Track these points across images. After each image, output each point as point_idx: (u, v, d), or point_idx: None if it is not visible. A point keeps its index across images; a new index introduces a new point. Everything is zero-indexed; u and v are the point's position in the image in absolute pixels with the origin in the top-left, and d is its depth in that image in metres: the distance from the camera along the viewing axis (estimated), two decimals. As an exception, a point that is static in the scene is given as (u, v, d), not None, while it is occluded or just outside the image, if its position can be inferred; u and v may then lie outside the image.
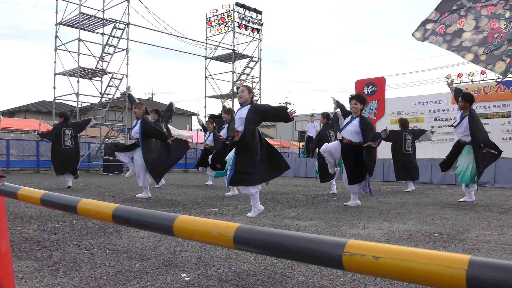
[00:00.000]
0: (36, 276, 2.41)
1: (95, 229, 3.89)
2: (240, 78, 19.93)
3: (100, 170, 16.89)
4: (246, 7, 19.37)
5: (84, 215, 1.34)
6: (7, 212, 2.50)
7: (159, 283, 2.31)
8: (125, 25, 15.92)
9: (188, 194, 7.64)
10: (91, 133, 20.09)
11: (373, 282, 2.39)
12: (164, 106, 41.51)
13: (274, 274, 2.50)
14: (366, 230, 4.10)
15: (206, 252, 3.04)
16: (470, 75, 17.20)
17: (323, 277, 2.45)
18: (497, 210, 5.79)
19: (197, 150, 22.43)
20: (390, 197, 7.72)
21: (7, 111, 34.64)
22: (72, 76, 15.75)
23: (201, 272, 2.53)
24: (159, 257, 2.87)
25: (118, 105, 21.15)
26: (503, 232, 4.01)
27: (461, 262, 0.65)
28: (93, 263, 2.72)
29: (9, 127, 19.58)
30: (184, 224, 1.03)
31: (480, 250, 3.24)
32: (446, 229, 4.17)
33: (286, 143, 31.83)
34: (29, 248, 3.11)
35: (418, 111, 17.19)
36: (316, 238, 0.81)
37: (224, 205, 6.10)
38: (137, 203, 6.17)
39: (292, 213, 5.31)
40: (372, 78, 19.05)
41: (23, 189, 1.61)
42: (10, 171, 14.91)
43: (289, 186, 10.26)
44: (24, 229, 3.87)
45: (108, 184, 9.78)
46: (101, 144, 16.74)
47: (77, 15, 15.27)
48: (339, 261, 0.76)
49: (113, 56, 16.43)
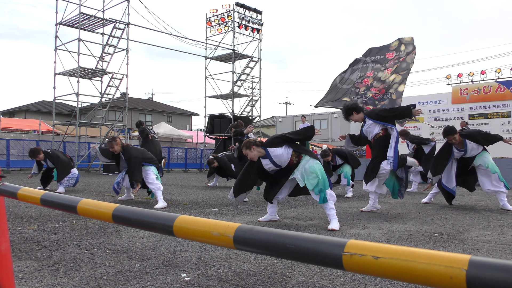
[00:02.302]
0: (36, 276, 2.41)
1: (95, 229, 3.89)
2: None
3: (100, 170, 16.89)
4: (246, 7, 19.36)
5: (84, 215, 1.34)
6: (7, 212, 2.50)
7: (159, 283, 2.31)
8: (125, 25, 15.92)
9: (188, 194, 7.64)
10: (91, 133, 20.10)
11: (373, 282, 2.39)
12: (164, 106, 40.95)
13: (274, 274, 2.50)
14: (366, 230, 4.10)
15: (206, 252, 3.04)
16: (470, 75, 17.20)
17: (323, 277, 2.45)
18: (497, 210, 5.79)
19: (197, 151, 22.45)
20: (390, 197, 7.72)
21: (7, 111, 34.62)
22: (72, 76, 15.75)
23: (201, 272, 2.53)
24: (159, 257, 2.87)
25: (118, 105, 21.14)
26: (503, 232, 4.01)
27: (461, 262, 0.65)
28: (93, 263, 2.72)
29: (9, 127, 19.58)
30: (184, 224, 1.03)
31: (480, 250, 3.24)
32: (446, 229, 4.17)
33: (286, 143, 31.77)
34: (29, 248, 3.11)
35: (418, 111, 17.17)
36: (316, 238, 0.81)
37: (224, 205, 6.09)
38: (137, 203, 6.17)
39: (292, 213, 5.31)
40: (372, 78, 19.01)
41: (23, 189, 1.61)
42: (10, 171, 14.91)
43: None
44: (24, 229, 3.87)
45: (108, 184, 9.78)
46: (101, 144, 16.74)
47: (77, 15, 15.27)
48: (339, 261, 0.76)
49: (113, 56, 16.43)
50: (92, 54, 16.71)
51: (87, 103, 19.94)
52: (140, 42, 42.68)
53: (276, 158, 4.25)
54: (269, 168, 4.35)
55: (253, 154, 4.25)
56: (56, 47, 15.74)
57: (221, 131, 19.02)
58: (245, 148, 4.25)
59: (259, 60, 20.21)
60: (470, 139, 5.93)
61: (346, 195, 7.60)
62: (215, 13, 19.67)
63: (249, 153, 4.25)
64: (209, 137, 20.59)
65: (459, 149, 6.01)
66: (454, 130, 5.95)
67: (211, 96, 20.28)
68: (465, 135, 5.97)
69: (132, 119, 33.77)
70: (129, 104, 19.56)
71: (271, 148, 4.25)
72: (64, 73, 15.84)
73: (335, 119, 30.39)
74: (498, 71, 16.70)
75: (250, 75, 20.49)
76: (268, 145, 4.27)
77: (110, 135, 17.32)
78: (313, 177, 4.16)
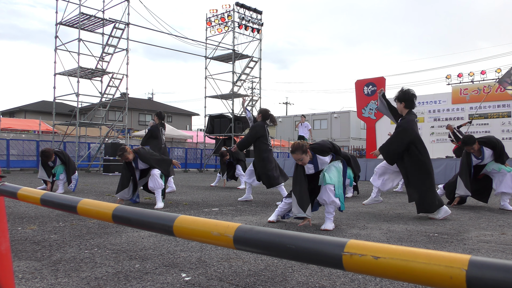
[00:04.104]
0: (36, 276, 2.41)
1: (95, 229, 3.89)
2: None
3: (100, 170, 16.89)
4: (246, 7, 19.36)
5: (84, 215, 1.34)
6: (7, 212, 2.50)
7: (159, 283, 2.31)
8: (125, 25, 15.92)
9: (188, 194, 7.64)
10: (91, 133, 20.09)
11: (373, 282, 2.39)
12: (164, 106, 40.98)
13: (274, 274, 2.50)
14: (366, 230, 4.10)
15: (206, 252, 3.04)
16: (470, 75, 17.19)
17: (323, 277, 2.45)
18: (497, 210, 5.79)
19: (197, 150, 22.44)
20: (390, 197, 7.72)
21: (7, 111, 34.63)
22: (72, 76, 15.74)
23: (201, 272, 2.53)
24: (159, 257, 2.87)
25: (118, 105, 21.13)
26: (503, 232, 4.01)
27: (461, 262, 0.65)
28: (93, 263, 2.71)
29: (9, 127, 19.56)
30: (184, 224, 1.03)
31: (480, 250, 3.24)
32: (446, 229, 4.17)
33: (286, 143, 31.82)
34: (29, 248, 3.11)
35: (418, 111, 17.18)
36: (316, 238, 0.81)
37: (224, 205, 6.09)
38: (137, 203, 6.17)
39: (292, 213, 5.31)
40: (372, 78, 19.06)
41: (23, 189, 1.61)
42: (10, 171, 14.91)
43: (289, 186, 10.26)
44: (24, 229, 3.87)
45: (108, 184, 9.78)
46: (101, 144, 16.73)
47: (77, 15, 15.26)
48: (339, 261, 0.76)
49: (113, 56, 16.42)
50: (92, 54, 16.70)
51: (87, 103, 19.93)
52: (140, 42, 42.74)
53: (320, 161, 4.20)
54: (309, 172, 4.27)
55: (307, 159, 4.12)
56: (56, 47, 15.73)
57: (221, 131, 19.01)
58: (301, 152, 4.03)
59: (259, 60, 20.20)
60: (488, 146, 5.88)
61: (346, 195, 7.60)
62: (215, 13, 19.66)
63: (305, 157, 4.09)
64: (209, 137, 20.58)
65: (477, 157, 5.97)
66: (474, 140, 5.87)
67: (211, 96, 20.27)
68: (483, 142, 5.92)
69: (132, 119, 33.81)
70: (129, 104, 19.55)
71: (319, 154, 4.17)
72: (64, 73, 15.83)
73: (335, 119, 30.41)
74: (498, 71, 16.70)
75: (250, 75, 20.48)
76: (319, 152, 4.18)
77: (110, 135, 17.32)
78: (334, 175, 4.15)
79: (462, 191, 5.95)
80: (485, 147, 5.87)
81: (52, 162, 7.52)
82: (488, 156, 5.91)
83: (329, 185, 4.12)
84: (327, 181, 4.11)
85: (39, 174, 7.54)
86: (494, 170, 5.94)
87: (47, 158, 7.39)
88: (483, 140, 5.93)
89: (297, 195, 4.11)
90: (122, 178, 5.92)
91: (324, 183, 4.14)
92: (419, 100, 18.16)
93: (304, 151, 4.03)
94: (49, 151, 7.43)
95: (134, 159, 5.80)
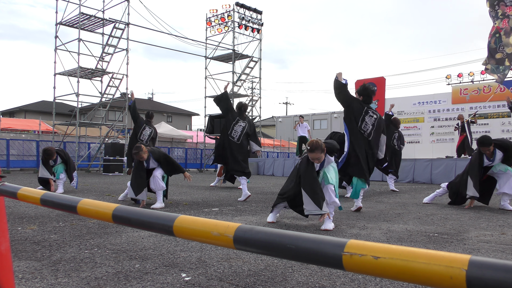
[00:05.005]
0: (36, 276, 2.41)
1: (95, 229, 3.89)
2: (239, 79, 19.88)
3: (100, 170, 16.89)
4: (246, 7, 19.37)
5: (84, 215, 1.35)
6: (7, 212, 2.50)
7: (159, 283, 2.31)
8: (125, 25, 15.92)
9: (188, 194, 7.64)
10: (91, 133, 20.09)
11: (373, 282, 2.39)
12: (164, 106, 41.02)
13: (274, 274, 2.50)
14: (366, 230, 4.10)
15: (206, 252, 3.04)
16: (470, 75, 17.18)
17: (323, 277, 2.45)
18: (497, 210, 5.79)
19: (197, 151, 22.44)
20: (390, 197, 7.72)
21: (7, 111, 34.63)
22: (72, 76, 15.74)
23: (201, 272, 2.53)
24: (159, 257, 2.87)
25: (118, 105, 21.14)
26: (503, 232, 4.01)
27: (461, 262, 0.65)
28: (93, 263, 2.72)
29: (9, 127, 19.57)
30: (184, 224, 1.03)
31: (480, 250, 3.24)
32: (446, 229, 4.17)
33: (286, 143, 31.83)
34: (29, 248, 3.11)
35: (418, 111, 17.18)
36: (316, 238, 0.81)
37: (224, 205, 6.09)
38: (137, 203, 6.17)
39: (292, 213, 5.30)
40: (372, 78, 19.04)
41: (23, 189, 1.61)
42: (10, 171, 14.91)
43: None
44: (24, 229, 3.87)
45: (108, 184, 9.78)
46: (101, 144, 16.74)
47: (77, 15, 15.26)
48: (339, 261, 0.76)
49: (113, 56, 16.43)
50: (92, 54, 16.71)
51: (87, 103, 19.93)
52: (140, 42, 42.78)
53: (327, 160, 4.22)
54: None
55: (322, 158, 4.11)
56: (56, 47, 15.73)
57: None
58: (320, 151, 3.97)
59: (259, 60, 20.21)
60: (501, 149, 5.78)
61: (346, 195, 7.59)
62: (215, 13, 19.67)
63: (322, 156, 4.07)
64: (209, 137, 20.56)
65: (489, 158, 5.88)
66: (491, 141, 5.73)
67: (211, 96, 20.26)
68: (498, 144, 5.81)
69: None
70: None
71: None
72: (64, 73, 15.83)
73: (335, 119, 30.38)
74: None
75: (250, 75, 20.49)
76: (330, 152, 4.20)
77: (110, 135, 17.31)
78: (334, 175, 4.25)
79: (472, 192, 5.86)
80: (497, 149, 5.79)
81: (53, 161, 7.54)
82: (498, 158, 5.86)
83: (330, 185, 4.14)
84: (329, 181, 4.14)
85: (39, 173, 7.54)
86: (501, 171, 5.90)
87: (49, 156, 7.41)
88: (498, 143, 5.83)
89: (310, 193, 4.01)
90: (136, 179, 5.69)
91: (326, 183, 4.17)
92: (419, 100, 18.15)
93: (323, 150, 4.02)
94: (51, 150, 7.46)
95: (147, 158, 5.82)
